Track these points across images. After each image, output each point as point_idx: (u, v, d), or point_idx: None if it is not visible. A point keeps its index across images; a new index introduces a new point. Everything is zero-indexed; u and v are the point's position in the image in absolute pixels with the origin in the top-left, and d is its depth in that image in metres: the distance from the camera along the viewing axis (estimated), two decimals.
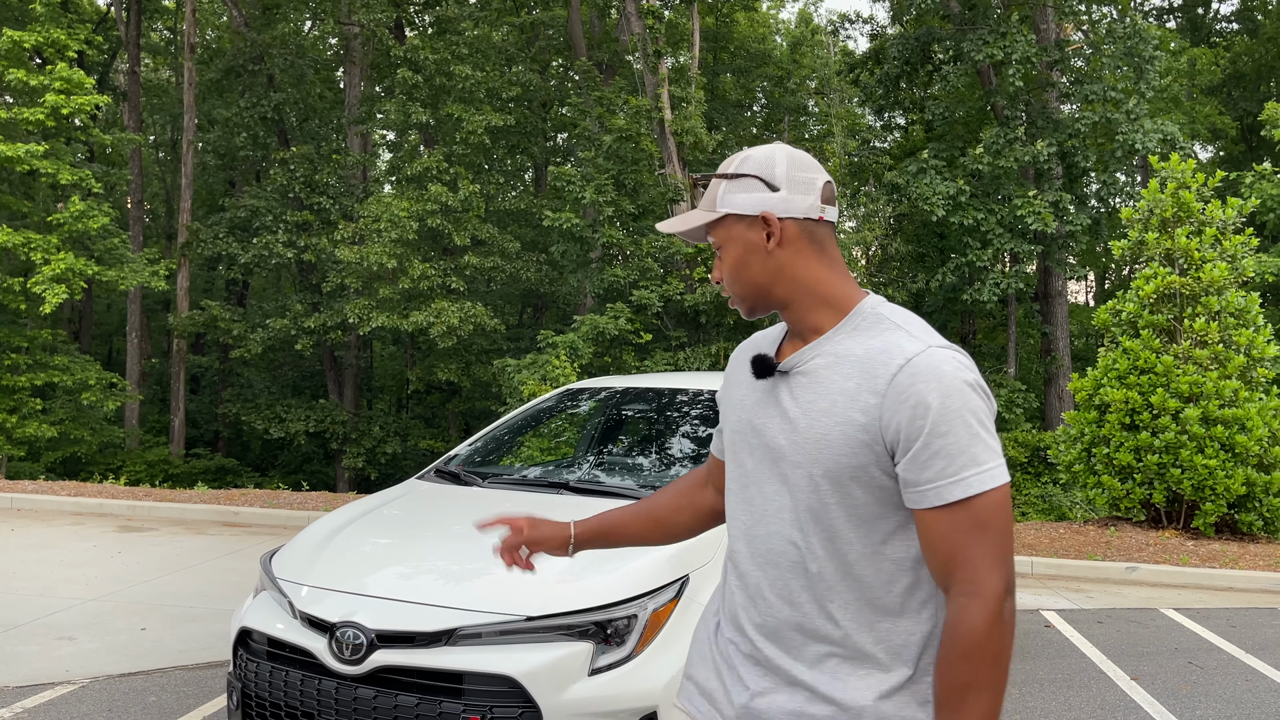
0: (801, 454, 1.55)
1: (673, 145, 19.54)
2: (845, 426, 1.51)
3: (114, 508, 9.49)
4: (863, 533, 1.53)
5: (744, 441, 1.67)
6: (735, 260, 1.63)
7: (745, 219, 1.62)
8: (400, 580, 3.23)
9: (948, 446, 1.45)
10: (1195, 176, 9.49)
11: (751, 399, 1.67)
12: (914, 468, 1.47)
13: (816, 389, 1.56)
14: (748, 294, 1.65)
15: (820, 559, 1.55)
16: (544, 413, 5.23)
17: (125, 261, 19.49)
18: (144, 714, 4.42)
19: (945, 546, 1.46)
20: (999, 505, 1.46)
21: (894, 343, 1.52)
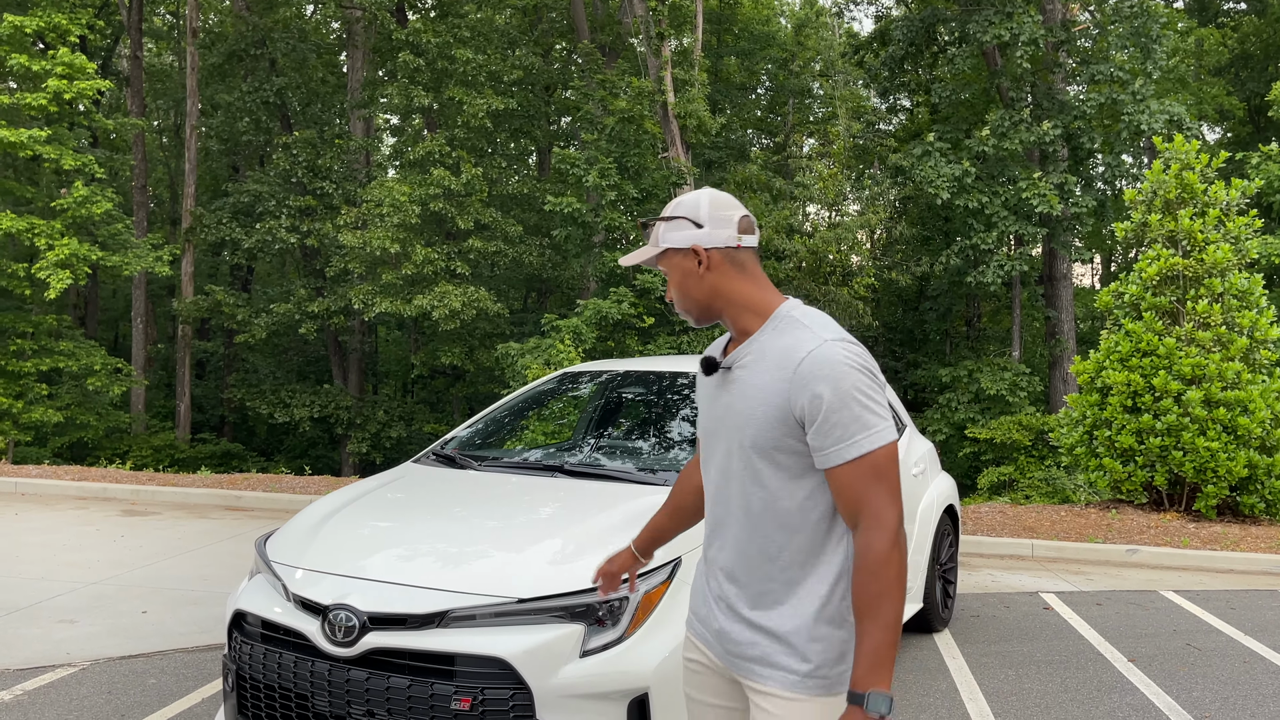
0: (738, 430, 1.99)
1: (676, 128, 19.47)
2: (766, 408, 1.94)
3: (117, 492, 9.53)
4: (790, 490, 1.96)
5: (706, 426, 2.13)
6: (678, 283, 2.08)
7: (681, 251, 2.07)
8: (393, 563, 3.24)
9: (843, 419, 1.87)
10: (1199, 157, 9.43)
11: (708, 393, 2.13)
12: (818, 436, 1.89)
13: (747, 380, 2.00)
14: (691, 308, 2.09)
15: (759, 513, 1.99)
16: (542, 395, 5.23)
17: (129, 247, 19.50)
18: (143, 696, 4.45)
19: (851, 494, 1.89)
20: (889, 458, 1.88)
21: (799, 339, 1.95)
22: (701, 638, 2.13)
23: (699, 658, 2.16)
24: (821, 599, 1.94)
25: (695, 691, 2.18)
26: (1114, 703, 4.56)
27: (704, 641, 2.12)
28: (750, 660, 1.99)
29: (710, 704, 2.15)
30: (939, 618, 5.60)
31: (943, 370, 21.14)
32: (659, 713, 3.00)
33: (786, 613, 1.95)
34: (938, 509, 5.51)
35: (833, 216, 26.21)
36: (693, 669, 2.18)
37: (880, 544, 1.84)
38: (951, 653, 5.28)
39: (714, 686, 2.13)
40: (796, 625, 1.94)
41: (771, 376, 1.94)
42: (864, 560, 1.85)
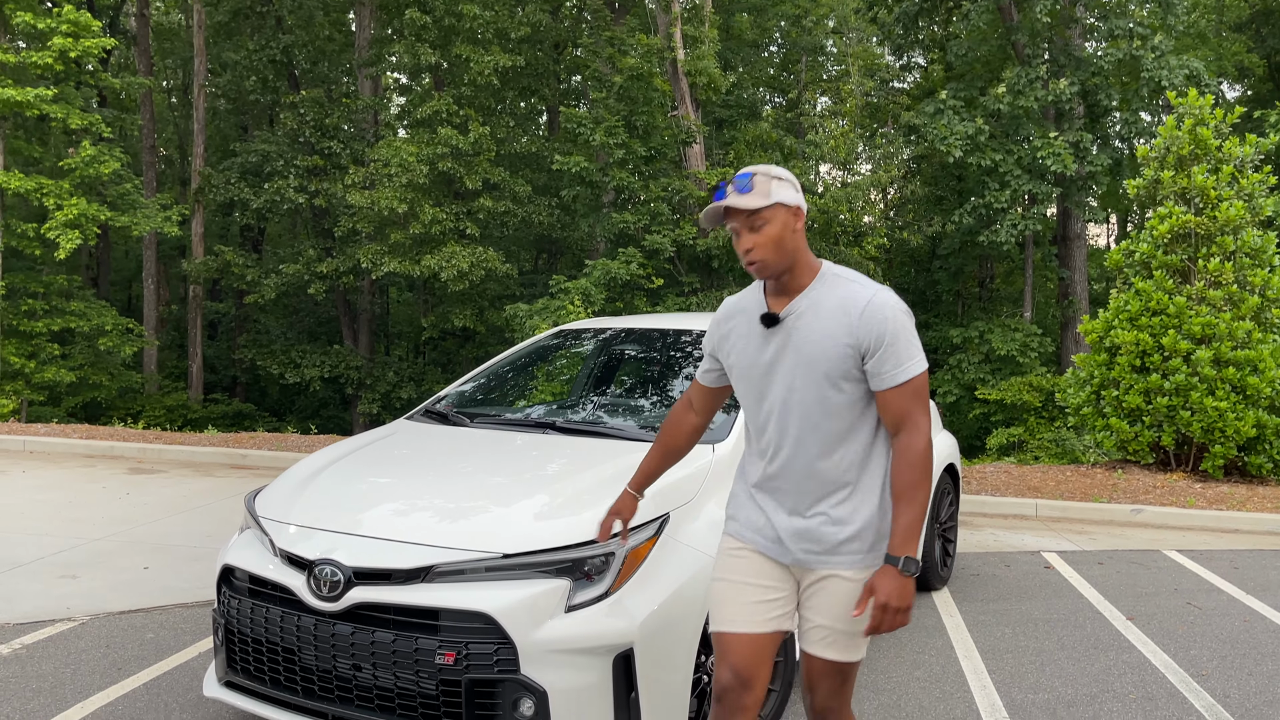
0: (809, 366, 2.42)
1: (685, 86, 19.25)
2: (837, 345, 2.41)
3: (124, 450, 9.59)
4: (851, 410, 2.45)
5: (755, 370, 2.52)
6: (776, 236, 2.41)
7: (789, 208, 2.44)
8: (380, 518, 3.23)
9: (896, 351, 2.39)
10: (1214, 112, 9.26)
11: (755, 344, 2.53)
12: (878, 364, 2.39)
13: (811, 325, 2.44)
14: (780, 260, 2.43)
15: (827, 431, 2.44)
16: (539, 352, 5.20)
17: (138, 207, 19.49)
18: (141, 650, 4.49)
19: (898, 409, 2.41)
20: (925, 382, 2.43)
21: (853, 291, 2.44)
22: (751, 540, 2.55)
23: (745, 546, 2.56)
24: (877, 495, 2.46)
25: (737, 573, 2.54)
26: (1109, 660, 4.55)
27: (754, 543, 2.54)
28: (825, 554, 2.45)
29: (753, 584, 2.52)
30: (938, 576, 5.59)
31: (954, 331, 21.02)
32: (644, 668, 2.99)
33: (849, 508, 2.44)
34: (938, 467, 5.48)
35: (845, 176, 25.98)
36: (736, 554, 2.56)
37: (918, 444, 2.38)
38: (949, 610, 5.27)
39: (756, 569, 2.53)
40: (860, 517, 2.44)
41: (836, 321, 2.41)
42: (905, 457, 2.38)
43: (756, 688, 2.47)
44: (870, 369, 2.40)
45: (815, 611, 2.47)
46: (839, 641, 2.46)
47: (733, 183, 2.42)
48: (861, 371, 2.41)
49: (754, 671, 2.47)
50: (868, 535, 2.44)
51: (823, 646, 2.47)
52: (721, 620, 2.52)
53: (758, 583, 2.52)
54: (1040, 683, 4.25)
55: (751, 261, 2.41)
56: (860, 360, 2.40)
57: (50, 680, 4.13)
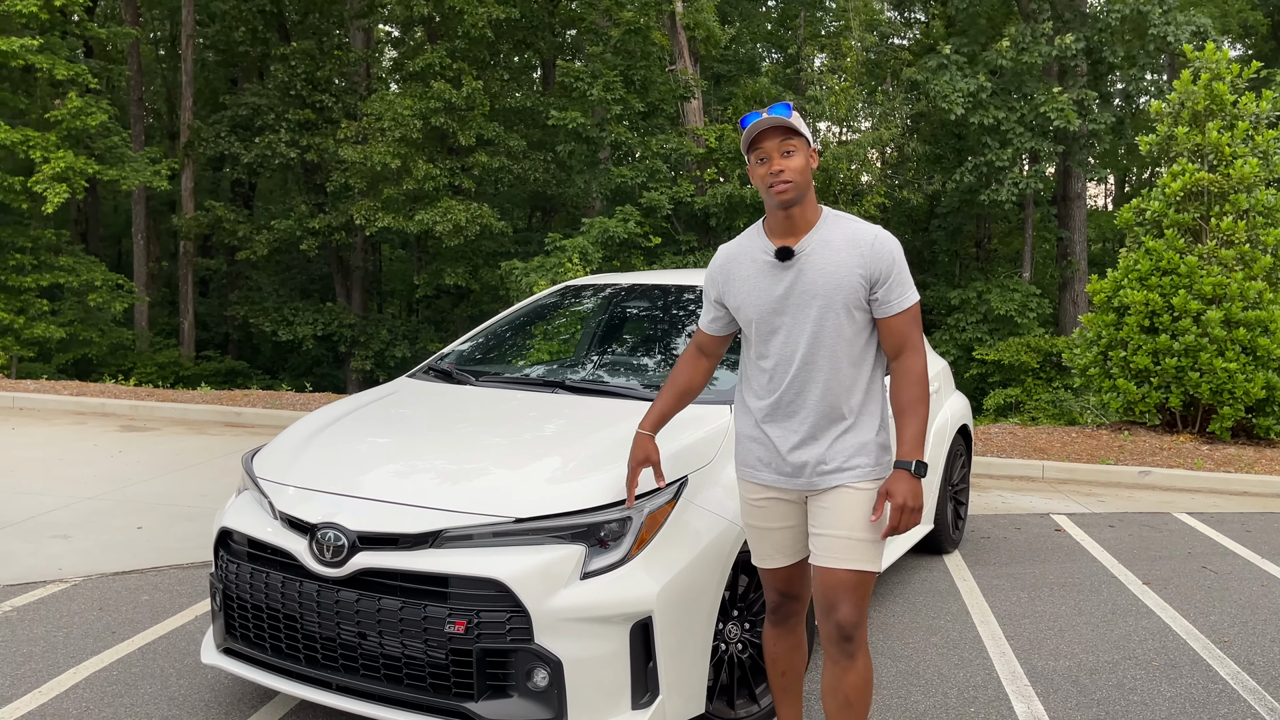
0: (827, 296, 2.61)
1: (684, 39, 18.89)
2: (851, 276, 2.62)
3: (116, 407, 9.42)
4: (860, 337, 2.66)
5: (768, 305, 2.68)
6: (802, 164, 2.62)
7: (808, 146, 2.66)
8: (385, 480, 3.08)
9: (899, 280, 2.64)
10: (1230, 67, 9.04)
11: (765, 281, 2.69)
12: (886, 292, 2.63)
13: (826, 258, 2.64)
14: (802, 189, 2.62)
15: (842, 357, 2.63)
16: (543, 310, 5.04)
17: (127, 161, 19.12)
18: (135, 612, 4.36)
19: (900, 333, 2.65)
20: (919, 310, 2.68)
21: (856, 228, 2.67)
22: (763, 479, 2.74)
23: (766, 494, 2.76)
24: (878, 416, 2.70)
25: (763, 521, 2.78)
26: (1129, 626, 4.45)
27: (770, 482, 2.73)
28: (835, 471, 2.64)
29: (779, 527, 2.77)
30: (949, 539, 5.48)
31: (952, 292, 20.87)
32: (663, 637, 2.87)
33: (863, 427, 2.66)
34: (951, 429, 5.35)
35: (844, 133, 25.66)
36: (759, 505, 2.77)
37: (917, 364, 2.65)
38: (962, 575, 5.17)
39: (782, 513, 2.76)
40: (866, 435, 2.66)
41: (848, 254, 2.62)
42: (908, 376, 2.64)
43: (803, 597, 2.86)
44: (880, 297, 2.63)
45: (831, 525, 2.63)
46: (858, 549, 2.61)
47: (768, 110, 2.58)
48: (868, 302, 2.64)
49: (797, 588, 2.85)
50: (872, 450, 2.66)
51: (843, 557, 2.61)
52: (761, 557, 2.83)
53: (782, 525, 2.76)
54: (1060, 649, 4.15)
55: (784, 183, 2.58)
56: (869, 289, 2.62)
57: (42, 644, 4.00)
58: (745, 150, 2.66)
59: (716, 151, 18.49)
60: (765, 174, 2.60)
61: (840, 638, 2.62)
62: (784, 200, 2.60)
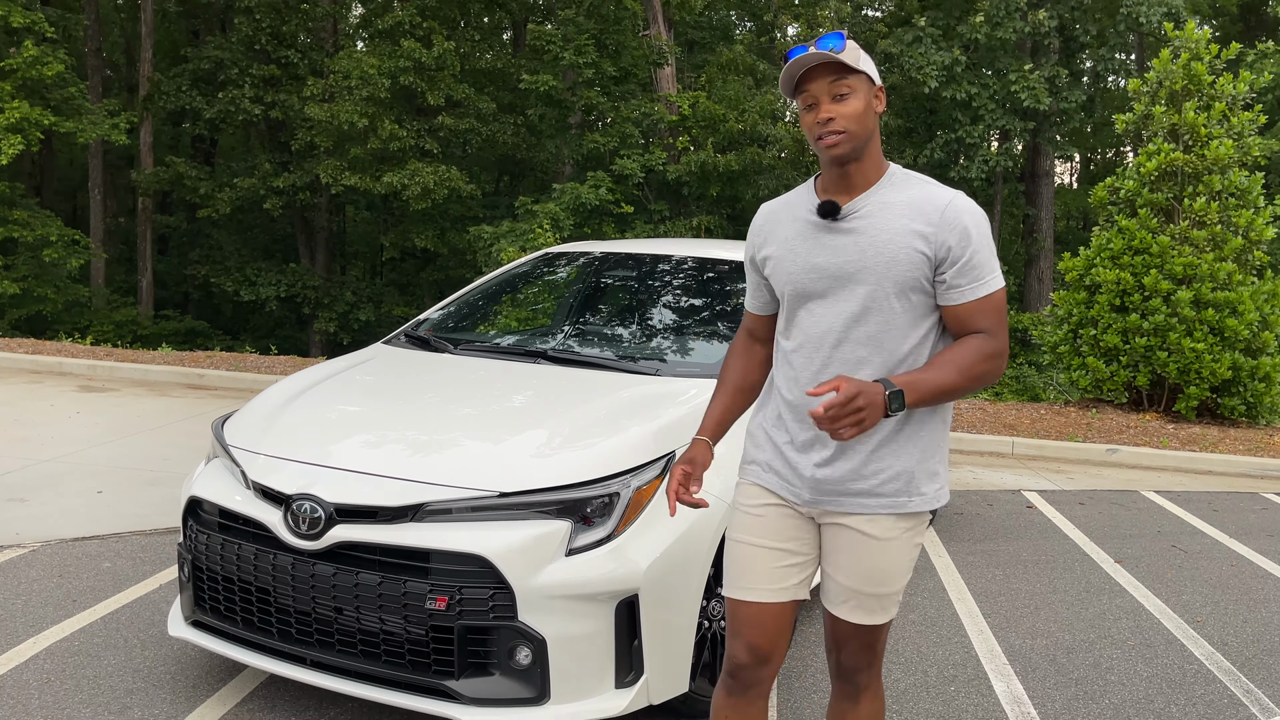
0: (877, 272, 2.08)
1: (658, 4, 18.66)
2: (909, 250, 2.07)
3: (73, 367, 9.18)
4: (915, 328, 2.11)
5: (805, 277, 2.16)
6: (860, 110, 2.08)
7: (871, 83, 2.12)
8: (363, 450, 2.98)
9: (982, 259, 2.08)
10: (1209, 48, 9.05)
11: (806, 246, 2.17)
12: (958, 274, 2.07)
13: (881, 225, 2.10)
14: (861, 138, 2.09)
15: (883, 351, 2.11)
16: (520, 278, 4.93)
17: (84, 113, 18.63)
18: (97, 580, 4.23)
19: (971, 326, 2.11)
20: (1003, 299, 2.11)
21: (929, 191, 2.11)
22: (770, 483, 2.23)
23: (769, 501, 2.23)
24: (935, 435, 2.15)
25: (756, 536, 2.23)
26: (1103, 605, 4.46)
27: (772, 485, 2.23)
28: (860, 495, 2.13)
29: (774, 548, 2.22)
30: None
31: None
32: (649, 615, 2.81)
33: (907, 446, 2.12)
34: None
35: None
36: (757, 513, 2.23)
37: (995, 346, 2.07)
38: (937, 551, 5.16)
39: (783, 529, 2.22)
40: (900, 460, 2.12)
41: (910, 221, 2.08)
42: (979, 345, 2.06)
43: (774, 660, 2.23)
44: (949, 278, 2.07)
45: (838, 569, 2.18)
46: (865, 604, 2.18)
47: (815, 43, 2.05)
48: (932, 285, 2.09)
49: (773, 644, 2.21)
50: (913, 478, 2.12)
51: (848, 609, 2.19)
52: (738, 586, 2.22)
53: (779, 545, 2.21)
54: (1037, 627, 4.15)
55: (833, 134, 2.06)
56: (934, 270, 2.07)
57: (0, 611, 3.87)
58: (789, 94, 2.15)
59: (690, 119, 18.34)
60: (813, 123, 2.09)
61: (846, 674, 2.29)
62: (836, 155, 2.08)
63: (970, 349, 2.05)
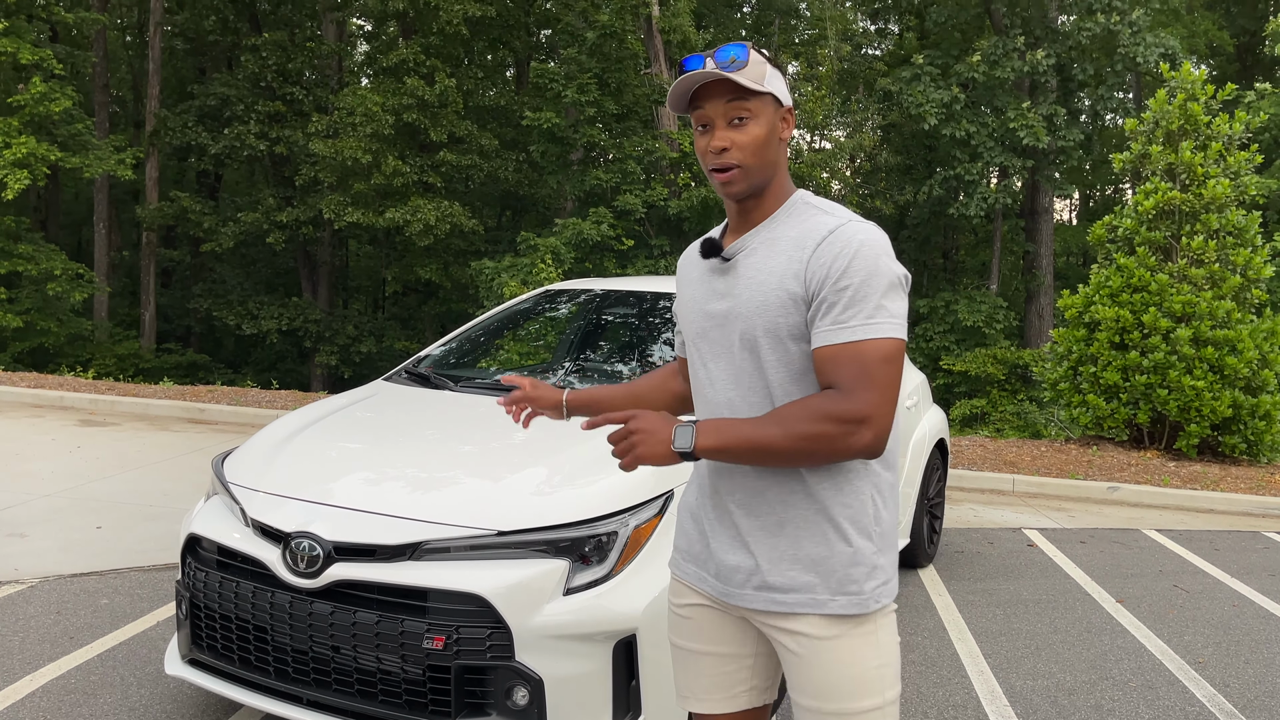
0: (748, 319, 1.77)
1: (659, 43, 18.85)
2: (780, 293, 1.74)
3: (75, 401, 9.20)
4: (796, 383, 1.76)
5: (698, 328, 1.89)
6: (761, 138, 1.76)
7: (777, 106, 1.80)
8: (362, 488, 2.99)
9: (855, 294, 1.67)
10: (1205, 88, 9.14)
11: (701, 292, 1.90)
12: (823, 309, 1.69)
13: (759, 265, 1.79)
14: (760, 172, 1.78)
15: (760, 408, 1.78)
16: (520, 314, 4.96)
17: (90, 148, 18.79)
18: (94, 617, 4.22)
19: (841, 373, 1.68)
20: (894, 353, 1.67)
21: (819, 222, 1.77)
22: (689, 576, 1.94)
23: (693, 601, 1.93)
24: (866, 511, 1.76)
25: (682, 637, 1.96)
26: (1105, 646, 4.44)
27: (692, 579, 1.93)
28: (774, 590, 1.78)
29: (710, 653, 1.92)
30: (924, 553, 5.46)
31: (920, 301, 21.00)
32: (647, 655, 2.80)
33: (823, 527, 1.75)
34: (929, 443, 5.33)
35: (817, 141, 25.76)
36: (682, 613, 1.95)
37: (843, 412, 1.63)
38: (938, 590, 5.14)
39: (708, 630, 1.92)
40: (839, 542, 1.75)
41: (787, 258, 1.75)
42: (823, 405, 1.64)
43: None
44: (809, 316, 1.71)
45: (790, 684, 1.82)
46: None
47: (713, 55, 1.73)
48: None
49: None
50: (842, 565, 1.75)
51: None
52: (684, 693, 1.97)
53: (715, 650, 1.92)
54: (1038, 669, 4.13)
55: (725, 167, 1.75)
56: (807, 307, 1.72)
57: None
58: (682, 110, 1.83)
59: (690, 155, 18.47)
60: (705, 149, 1.78)
61: None
62: (731, 193, 1.78)
63: (807, 404, 1.65)
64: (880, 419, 1.64)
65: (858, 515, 1.76)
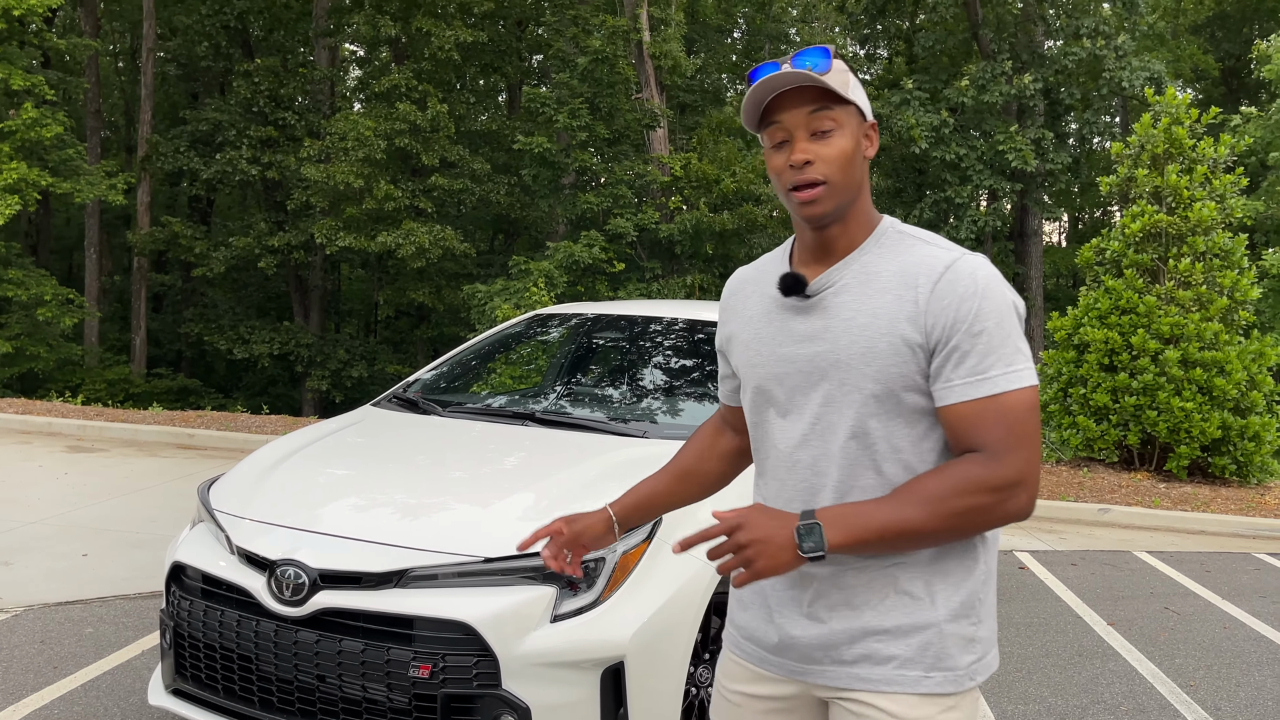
0: (849, 369, 1.55)
1: (650, 69, 18.98)
2: (891, 338, 1.52)
3: (63, 427, 9.15)
4: (921, 444, 1.55)
5: (769, 374, 1.65)
6: (849, 152, 1.56)
7: (861, 119, 1.60)
8: (348, 515, 2.97)
9: (990, 342, 1.49)
10: (1189, 112, 9.22)
11: (770, 330, 1.66)
12: (953, 362, 1.50)
13: (855, 306, 1.56)
14: (846, 191, 1.57)
15: (873, 482, 1.56)
16: (510, 339, 4.95)
17: (81, 173, 18.79)
18: (79, 646, 4.18)
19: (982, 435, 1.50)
20: (1034, 402, 1.51)
21: (927, 254, 1.56)
22: (758, 659, 1.69)
23: (752, 688, 1.70)
24: (966, 585, 1.57)
25: None
26: (1096, 669, 4.43)
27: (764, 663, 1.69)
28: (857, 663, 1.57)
29: None
30: None
31: None
32: (635, 682, 2.78)
33: (905, 606, 1.56)
34: None
35: None
36: (733, 700, 1.73)
37: (995, 480, 1.44)
38: None
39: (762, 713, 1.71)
40: (932, 613, 1.55)
41: (895, 297, 1.53)
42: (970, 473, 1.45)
43: None
44: (937, 369, 1.51)
45: None
46: None
47: (790, 61, 1.54)
48: (927, 378, 1.53)
49: None
50: (936, 638, 1.55)
51: None
52: None
53: None
54: (1029, 692, 4.12)
55: (808, 183, 1.54)
56: (927, 359, 1.51)
57: None
58: (754, 127, 1.62)
59: (681, 180, 18.56)
60: (783, 166, 1.56)
61: None
62: (813, 215, 1.55)
63: (951, 474, 1.47)
64: (1034, 480, 1.48)
65: (957, 579, 1.57)
